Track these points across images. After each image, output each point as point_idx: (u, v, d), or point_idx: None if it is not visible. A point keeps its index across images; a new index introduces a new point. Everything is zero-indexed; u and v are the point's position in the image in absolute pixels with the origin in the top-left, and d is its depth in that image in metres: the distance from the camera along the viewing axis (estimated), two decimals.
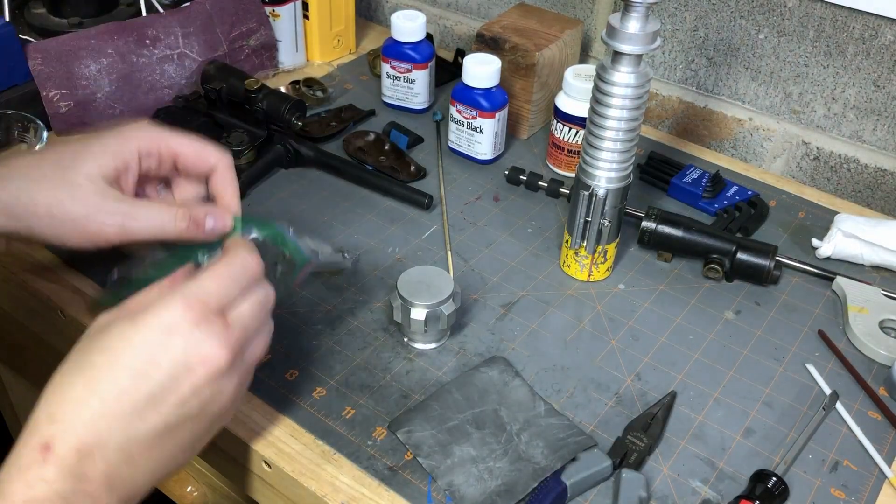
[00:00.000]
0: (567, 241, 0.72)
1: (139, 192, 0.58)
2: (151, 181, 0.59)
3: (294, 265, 0.58)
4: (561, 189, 0.82)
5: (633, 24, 0.60)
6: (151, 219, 0.52)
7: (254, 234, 0.56)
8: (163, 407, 0.43)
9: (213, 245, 0.55)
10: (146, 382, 0.42)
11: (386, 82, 0.94)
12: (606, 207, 0.68)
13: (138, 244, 0.55)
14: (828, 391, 0.64)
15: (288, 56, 1.02)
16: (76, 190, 0.52)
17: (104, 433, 0.41)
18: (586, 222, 0.70)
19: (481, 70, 0.81)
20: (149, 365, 0.42)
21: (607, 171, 0.67)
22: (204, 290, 0.45)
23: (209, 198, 0.59)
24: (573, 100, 0.82)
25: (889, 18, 0.77)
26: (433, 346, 0.66)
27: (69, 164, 0.53)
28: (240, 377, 0.47)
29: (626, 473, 0.55)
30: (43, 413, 0.42)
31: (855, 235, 0.75)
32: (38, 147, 0.77)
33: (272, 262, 0.56)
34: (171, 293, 0.44)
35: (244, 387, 0.49)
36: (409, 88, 0.93)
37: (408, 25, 0.90)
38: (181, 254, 0.55)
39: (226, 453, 0.62)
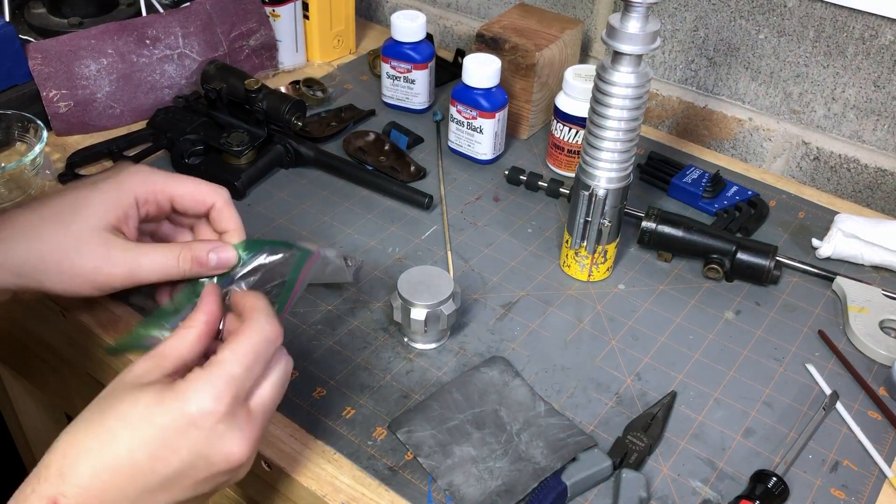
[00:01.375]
0: (567, 241, 0.72)
1: (153, 229, 0.60)
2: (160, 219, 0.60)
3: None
4: (561, 189, 0.82)
5: (633, 24, 0.60)
6: (156, 263, 0.53)
7: (265, 254, 0.56)
8: (175, 490, 0.43)
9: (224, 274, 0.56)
10: (163, 467, 0.42)
11: (386, 82, 0.94)
12: (606, 207, 0.68)
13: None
14: (828, 391, 0.64)
15: (288, 56, 1.02)
16: (82, 245, 0.53)
17: None
18: (586, 222, 0.70)
19: (481, 70, 0.81)
20: (169, 451, 0.42)
21: (607, 171, 0.67)
22: (231, 378, 0.44)
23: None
24: (573, 100, 0.82)
25: (889, 18, 0.77)
26: (433, 346, 0.66)
27: (70, 218, 0.54)
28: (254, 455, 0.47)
29: (626, 473, 0.55)
30: (55, 465, 0.42)
31: (855, 235, 0.75)
32: (38, 147, 0.77)
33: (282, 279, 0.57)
34: (200, 381, 0.43)
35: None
36: (409, 88, 0.93)
37: (408, 25, 0.90)
38: (197, 283, 0.56)
39: None
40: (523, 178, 0.83)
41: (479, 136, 0.85)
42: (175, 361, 0.46)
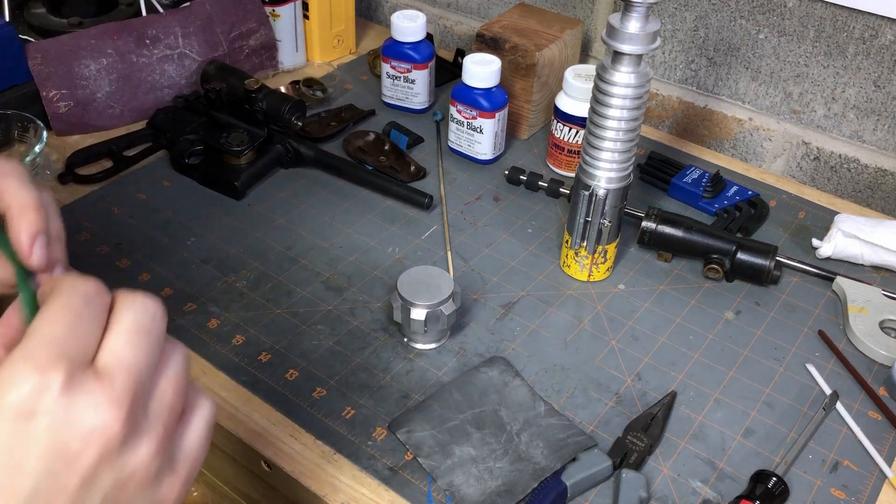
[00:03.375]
0: (567, 241, 0.72)
1: None
2: None
3: None
4: (561, 189, 0.82)
5: (634, 24, 0.60)
6: None
7: None
8: None
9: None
10: (16, 494, 0.30)
11: (386, 82, 0.94)
12: (606, 207, 0.68)
13: None
14: (828, 391, 0.64)
15: (288, 56, 1.02)
16: None
17: None
18: (586, 222, 0.70)
19: (481, 70, 0.81)
20: (14, 469, 0.30)
21: (607, 171, 0.67)
22: (51, 339, 0.32)
23: None
24: (573, 100, 0.82)
25: (889, 18, 0.77)
26: (433, 346, 0.66)
27: None
28: (154, 441, 0.33)
29: (626, 473, 0.55)
30: None
31: (855, 235, 0.75)
32: (38, 147, 0.77)
33: None
34: (12, 361, 0.31)
35: (181, 452, 0.35)
36: (409, 88, 0.93)
37: (408, 25, 0.90)
38: None
39: (226, 453, 0.62)
40: (523, 178, 0.83)
41: (479, 136, 0.85)
42: None
